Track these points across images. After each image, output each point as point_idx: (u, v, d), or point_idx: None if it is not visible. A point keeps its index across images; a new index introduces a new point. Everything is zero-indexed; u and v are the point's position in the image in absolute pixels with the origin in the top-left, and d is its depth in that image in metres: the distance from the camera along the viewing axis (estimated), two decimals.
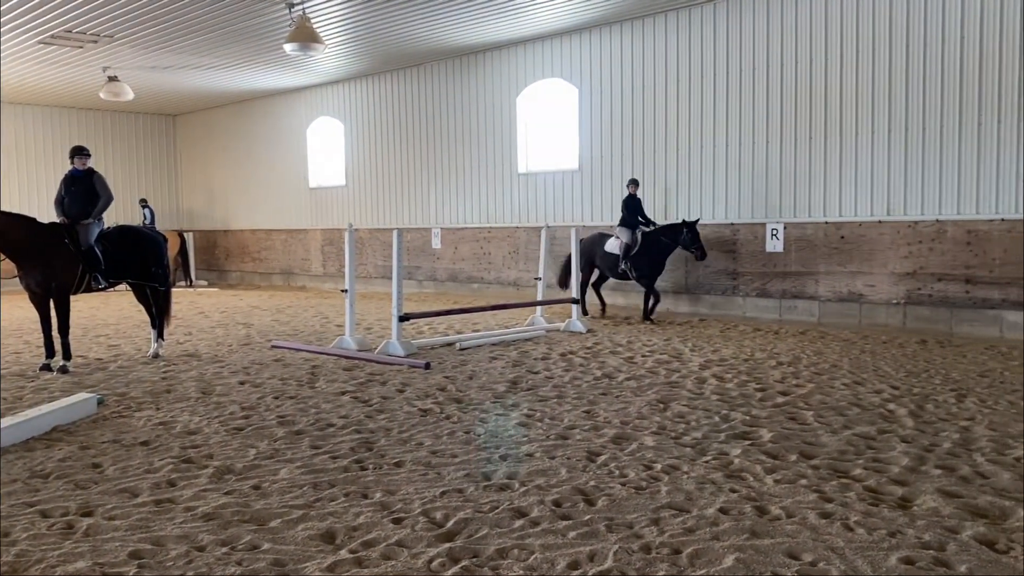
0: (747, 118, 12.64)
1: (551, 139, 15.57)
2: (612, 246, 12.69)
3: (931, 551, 3.69)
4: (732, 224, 12.87)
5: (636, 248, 12.37)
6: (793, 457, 5.20)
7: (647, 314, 12.46)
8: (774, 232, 12.35)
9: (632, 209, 12.64)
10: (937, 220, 10.89)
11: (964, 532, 3.90)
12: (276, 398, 7.22)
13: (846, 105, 11.61)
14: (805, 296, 12.05)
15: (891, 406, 6.63)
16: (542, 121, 15.70)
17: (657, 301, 12.52)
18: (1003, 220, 10.35)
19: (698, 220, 12.25)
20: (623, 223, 12.61)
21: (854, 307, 11.69)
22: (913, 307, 11.16)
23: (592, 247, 13.03)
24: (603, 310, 13.36)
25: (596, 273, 13.26)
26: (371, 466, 5.11)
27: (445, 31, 14.43)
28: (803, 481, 4.71)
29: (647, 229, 12.55)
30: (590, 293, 13.33)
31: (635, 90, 13.98)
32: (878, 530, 3.93)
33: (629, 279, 12.58)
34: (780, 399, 6.95)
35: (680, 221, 12.33)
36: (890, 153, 11.25)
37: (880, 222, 11.39)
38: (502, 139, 16.14)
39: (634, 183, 12.68)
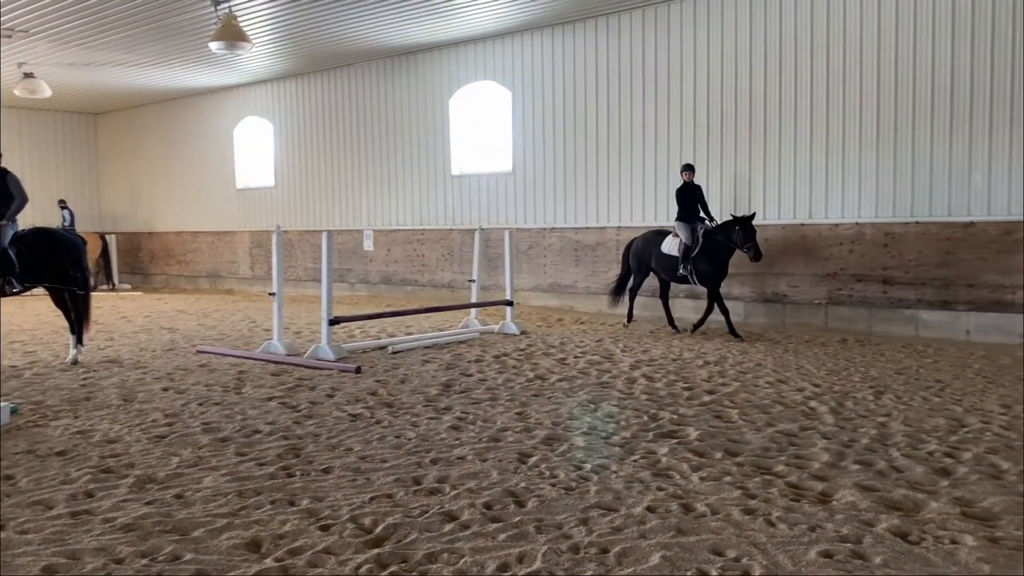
0: (675, 121, 12.87)
1: (485, 141, 15.58)
2: (669, 246, 11.30)
3: (848, 544, 3.81)
4: (661, 227, 13.06)
5: (697, 248, 10.96)
6: (718, 455, 5.31)
7: (729, 328, 10.80)
8: None
9: (688, 201, 11.14)
10: (856, 223, 11.26)
11: (880, 525, 4.04)
12: (201, 404, 7.05)
13: (770, 112, 11.92)
14: (731, 297, 12.31)
15: (812, 403, 6.83)
16: (475, 123, 15.70)
17: (726, 313, 10.84)
18: (917, 223, 10.77)
19: (753, 215, 10.79)
20: (680, 218, 11.22)
21: (778, 307, 12.01)
22: (834, 307, 11.51)
23: (646, 247, 11.72)
24: (628, 319, 12.25)
25: (640, 278, 12.02)
26: (298, 472, 5.03)
27: (376, 31, 14.31)
28: (728, 478, 4.81)
29: (709, 225, 11.11)
30: (626, 298, 12.19)
31: (567, 93, 14.09)
32: (799, 525, 4.04)
33: (690, 283, 11.27)
34: (707, 398, 7.09)
35: (731, 217, 10.89)
36: (812, 159, 11.60)
37: (803, 225, 11.72)
38: (435, 141, 16.09)
39: (689, 169, 11.10)
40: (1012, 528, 3.98)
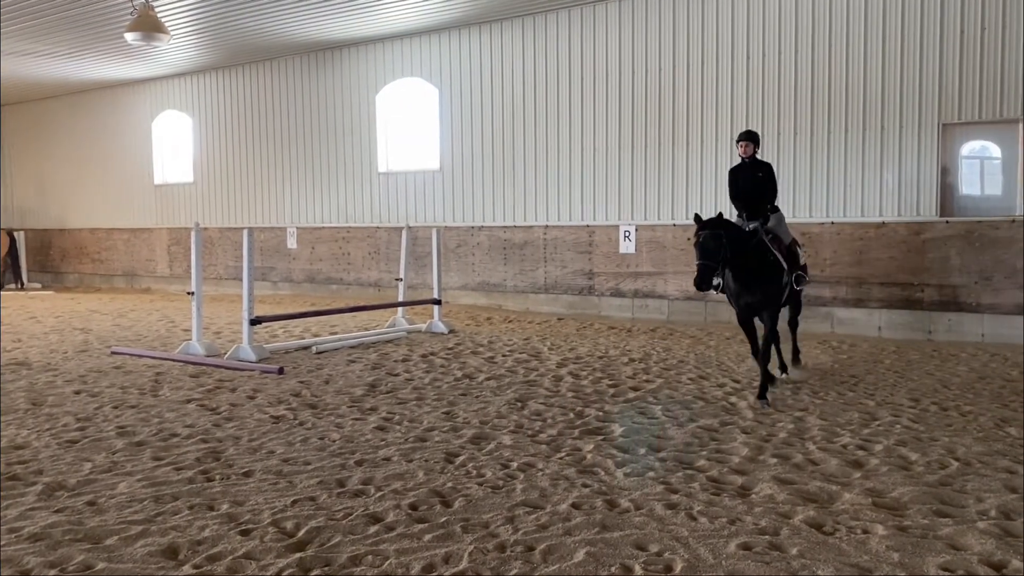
0: (600, 122, 13.02)
1: (412, 139, 15.46)
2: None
3: (767, 536, 3.91)
4: (588, 226, 13.21)
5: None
6: (642, 451, 5.39)
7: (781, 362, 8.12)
8: (627, 234, 12.77)
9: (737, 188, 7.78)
10: None
11: (796, 517, 4.16)
12: (115, 408, 6.80)
13: (692, 112, 12.16)
14: (655, 295, 12.52)
15: (733, 399, 6.99)
16: (402, 120, 15.57)
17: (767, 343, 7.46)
18: (833, 223, 11.14)
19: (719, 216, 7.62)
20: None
21: (700, 305, 12.26)
22: None
23: None
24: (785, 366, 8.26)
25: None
26: (218, 476, 4.90)
27: (298, 25, 14.05)
28: (651, 473, 4.89)
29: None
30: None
31: (495, 92, 14.10)
32: (719, 518, 4.13)
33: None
34: (631, 394, 7.19)
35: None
36: (732, 160, 11.87)
37: None
38: (361, 138, 15.89)
39: (749, 138, 7.68)
40: (919, 517, 4.15)
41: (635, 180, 12.71)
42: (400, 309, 12.05)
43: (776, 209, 7.75)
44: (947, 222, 10.41)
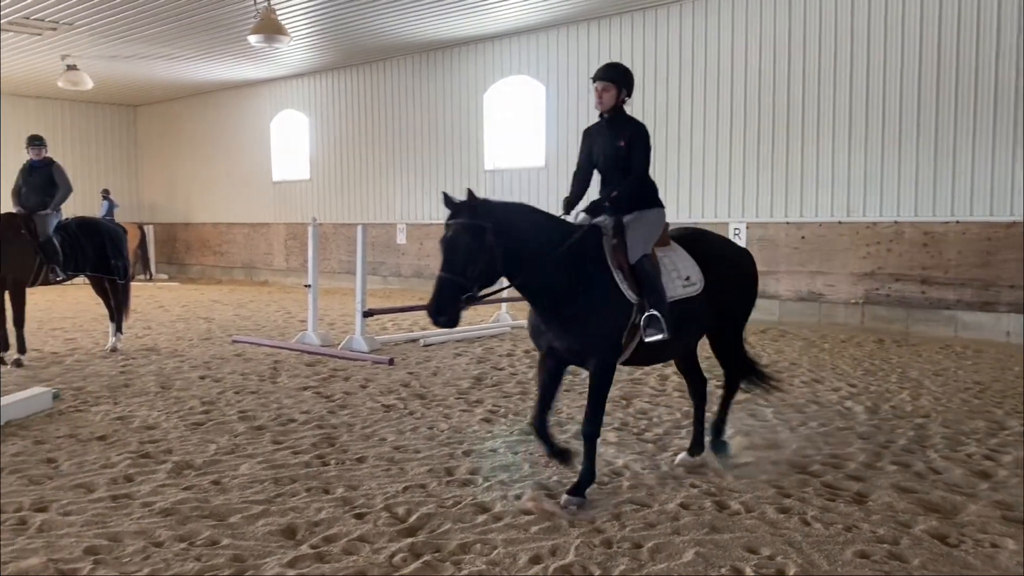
0: (711, 117, 12.76)
1: (517, 136, 15.56)
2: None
3: (885, 545, 3.76)
4: (696, 223, 12.97)
5: None
6: (753, 453, 5.27)
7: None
8: (736, 232, 12.49)
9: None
10: (895, 221, 11.09)
11: (917, 526, 3.99)
12: (237, 393, 7.14)
13: (808, 108, 11.76)
14: (766, 295, 12.19)
15: (848, 403, 6.74)
16: (509, 118, 15.69)
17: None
18: (958, 222, 10.57)
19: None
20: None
21: (814, 306, 11.87)
22: (871, 307, 11.35)
23: None
24: None
25: None
26: (333, 461, 5.08)
27: (412, 25, 14.35)
28: (763, 476, 4.78)
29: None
30: None
31: None
32: (834, 525, 4.00)
33: None
34: (740, 396, 7.03)
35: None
36: (850, 156, 11.43)
37: (840, 223, 11.57)
38: (468, 135, 16.11)
39: None
40: None
41: (747, 176, 12.39)
42: (504, 305, 12.14)
43: (647, 200, 4.96)
44: None
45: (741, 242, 12.41)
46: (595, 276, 4.42)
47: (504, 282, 4.40)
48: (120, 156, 24.02)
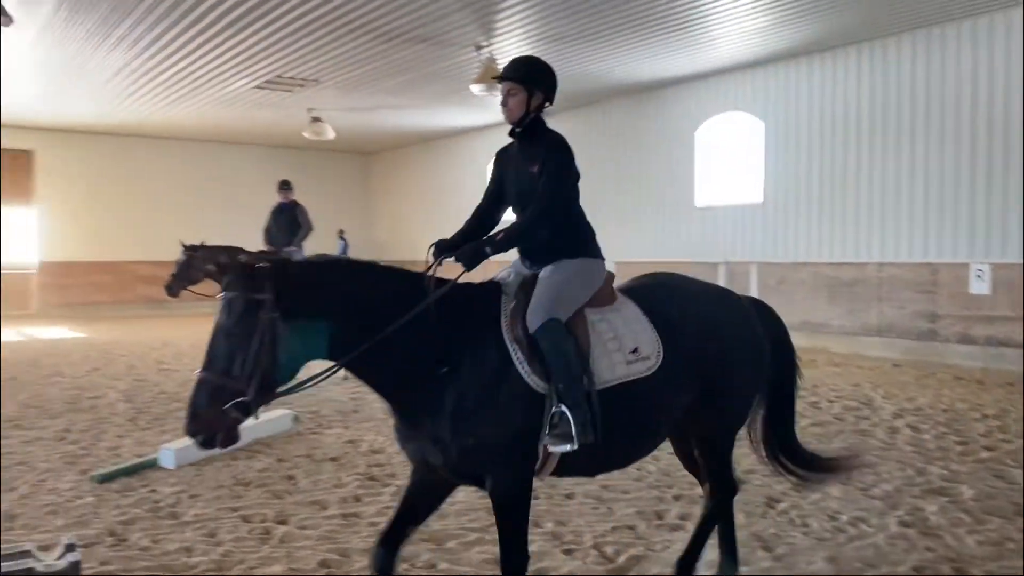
0: (949, 148, 11.80)
1: (731, 173, 15.21)
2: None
3: None
4: (931, 263, 12.01)
5: None
6: (998, 518, 4.75)
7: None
8: (979, 273, 11.41)
9: None
10: None
11: None
12: None
13: None
14: (1013, 344, 11.00)
15: None
16: (722, 155, 15.38)
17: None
18: None
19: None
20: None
21: None
22: None
23: None
24: None
25: None
26: (543, 496, 5.17)
27: (626, 66, 14.51)
28: (1010, 544, 4.30)
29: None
30: None
31: (824, 122, 13.42)
32: None
33: None
34: (984, 454, 6.38)
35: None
36: None
37: None
38: (677, 173, 15.96)
39: None
40: None
41: (991, 212, 11.32)
42: None
43: (570, 246, 3.72)
44: None
45: (985, 284, 11.30)
46: (482, 354, 3.12)
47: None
48: (354, 199, 26.14)
